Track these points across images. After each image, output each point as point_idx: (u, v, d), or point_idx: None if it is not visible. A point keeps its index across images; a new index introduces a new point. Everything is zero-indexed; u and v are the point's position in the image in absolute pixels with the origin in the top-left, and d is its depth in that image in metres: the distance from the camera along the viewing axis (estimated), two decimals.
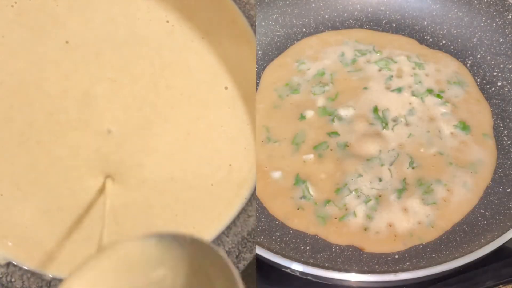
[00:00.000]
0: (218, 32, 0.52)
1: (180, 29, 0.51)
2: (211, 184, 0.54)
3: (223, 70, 0.53)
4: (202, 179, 0.54)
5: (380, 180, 0.65)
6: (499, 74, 0.74)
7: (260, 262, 0.55)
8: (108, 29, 0.50)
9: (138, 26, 0.51)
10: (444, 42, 0.80)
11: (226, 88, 0.53)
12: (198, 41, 0.52)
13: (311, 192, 0.64)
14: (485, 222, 0.60)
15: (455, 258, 0.52)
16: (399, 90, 0.74)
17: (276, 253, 0.54)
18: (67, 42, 0.50)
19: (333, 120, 0.71)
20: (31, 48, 0.49)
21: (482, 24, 0.78)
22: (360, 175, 0.65)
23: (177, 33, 0.51)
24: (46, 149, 0.51)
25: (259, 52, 0.80)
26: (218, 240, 0.54)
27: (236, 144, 0.54)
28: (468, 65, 0.77)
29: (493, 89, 0.74)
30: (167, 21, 0.51)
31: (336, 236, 0.61)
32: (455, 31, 0.80)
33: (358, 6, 0.85)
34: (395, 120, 0.71)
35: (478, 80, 0.75)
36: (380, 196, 0.63)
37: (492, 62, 0.75)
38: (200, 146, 0.54)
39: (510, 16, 0.75)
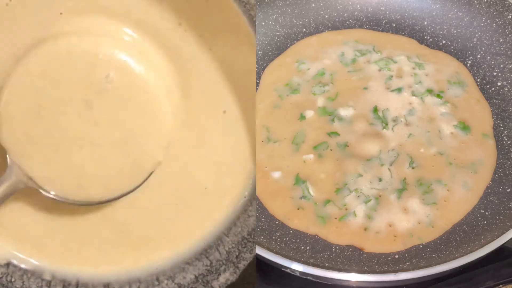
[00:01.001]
0: (219, 36, 0.51)
1: None
2: (205, 188, 0.54)
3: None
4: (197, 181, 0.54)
5: (380, 180, 0.65)
6: (499, 74, 0.74)
7: (260, 262, 0.55)
8: None
9: None
10: (444, 42, 0.80)
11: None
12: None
13: (311, 192, 0.64)
14: (485, 222, 0.60)
15: (455, 258, 0.52)
16: (399, 90, 0.74)
17: (276, 253, 0.54)
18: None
19: (333, 120, 0.71)
20: None
21: (482, 24, 0.78)
22: (360, 175, 0.65)
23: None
24: None
25: (259, 52, 0.80)
26: (218, 239, 0.54)
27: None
28: (468, 65, 0.77)
29: (493, 89, 0.74)
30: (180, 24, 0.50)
31: (336, 236, 0.61)
32: (455, 31, 0.80)
33: (358, 6, 0.85)
34: (395, 120, 0.71)
35: (478, 80, 0.75)
36: (380, 196, 0.63)
37: (492, 62, 0.75)
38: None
39: (510, 16, 0.75)
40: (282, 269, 0.54)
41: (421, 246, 0.60)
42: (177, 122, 0.51)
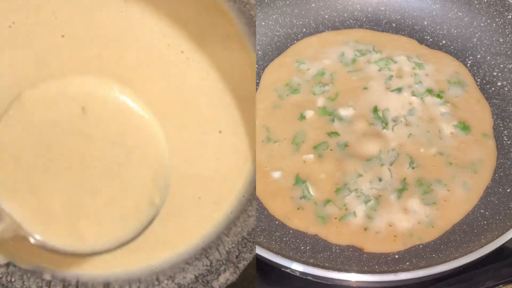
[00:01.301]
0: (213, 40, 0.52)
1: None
2: (198, 198, 0.54)
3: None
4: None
5: (380, 180, 0.65)
6: (499, 74, 0.74)
7: (260, 262, 0.55)
8: None
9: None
10: (444, 42, 0.80)
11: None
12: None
13: (311, 192, 0.64)
14: (485, 222, 0.60)
15: (455, 258, 0.52)
16: (399, 90, 0.74)
17: (276, 253, 0.54)
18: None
19: (333, 120, 0.71)
20: None
21: (482, 24, 0.78)
22: (360, 175, 0.65)
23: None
24: None
25: (259, 52, 0.80)
26: (218, 239, 0.54)
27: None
28: (468, 65, 0.77)
29: (493, 89, 0.74)
30: (182, 52, 0.51)
31: (336, 236, 0.61)
32: (455, 31, 0.80)
33: (358, 6, 0.85)
34: (395, 120, 0.71)
35: (478, 80, 0.75)
36: (380, 196, 0.63)
37: (492, 62, 0.75)
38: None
39: (510, 16, 0.75)
40: (282, 269, 0.54)
41: (421, 246, 0.60)
42: (169, 147, 0.49)
